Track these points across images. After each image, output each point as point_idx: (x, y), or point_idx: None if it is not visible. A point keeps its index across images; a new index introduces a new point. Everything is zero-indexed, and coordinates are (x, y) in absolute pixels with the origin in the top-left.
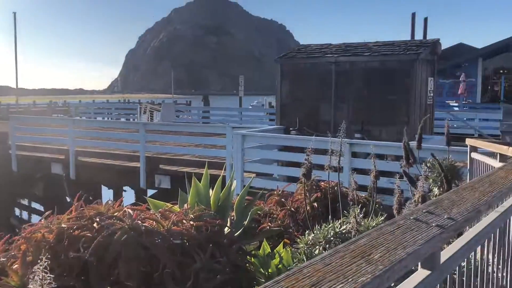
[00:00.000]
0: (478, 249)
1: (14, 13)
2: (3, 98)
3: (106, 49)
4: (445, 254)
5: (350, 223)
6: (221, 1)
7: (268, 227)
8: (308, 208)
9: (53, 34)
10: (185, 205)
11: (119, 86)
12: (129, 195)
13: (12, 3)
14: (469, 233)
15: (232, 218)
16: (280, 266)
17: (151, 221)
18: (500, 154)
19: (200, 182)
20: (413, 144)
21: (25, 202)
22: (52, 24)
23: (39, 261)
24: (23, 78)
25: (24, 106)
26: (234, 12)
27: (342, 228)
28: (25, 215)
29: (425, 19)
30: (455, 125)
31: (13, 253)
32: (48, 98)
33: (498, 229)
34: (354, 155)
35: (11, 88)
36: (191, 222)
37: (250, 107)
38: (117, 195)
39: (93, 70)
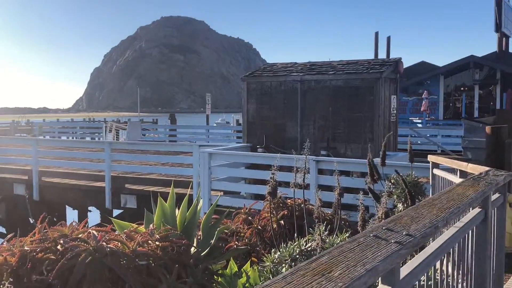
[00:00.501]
0: (438, 263)
1: None
2: None
3: (71, 67)
4: (405, 269)
5: (315, 240)
6: (188, 20)
7: (235, 246)
8: (274, 226)
9: (16, 51)
10: (151, 225)
11: (84, 105)
12: (94, 216)
13: None
14: (429, 248)
15: (198, 237)
16: (247, 285)
17: (116, 243)
18: (460, 170)
19: (166, 202)
20: (378, 160)
21: None
22: (15, 42)
23: (1, 285)
24: None
25: None
26: (200, 31)
27: (307, 246)
28: None
29: (388, 38)
30: (418, 142)
31: None
32: (11, 117)
33: (457, 244)
34: (321, 172)
35: None
36: (157, 243)
37: (215, 124)
38: (82, 216)
39: (57, 89)
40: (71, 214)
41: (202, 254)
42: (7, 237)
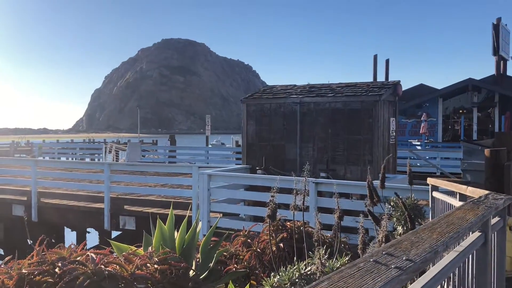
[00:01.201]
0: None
1: None
2: None
3: (71, 89)
4: None
5: (315, 264)
6: (188, 42)
7: (234, 268)
8: (274, 249)
9: (17, 73)
10: (150, 248)
11: (84, 126)
12: (93, 237)
13: None
14: (430, 273)
15: (197, 260)
16: None
17: (115, 265)
18: (459, 193)
19: (165, 224)
20: (377, 183)
21: None
22: (17, 63)
23: None
24: None
25: None
26: (201, 53)
27: (307, 270)
28: None
29: (387, 61)
30: (418, 164)
31: None
32: (11, 137)
33: (457, 268)
34: (320, 194)
35: None
36: (156, 266)
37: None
38: (81, 237)
39: (58, 110)
40: (70, 236)
41: (201, 277)
42: (5, 259)
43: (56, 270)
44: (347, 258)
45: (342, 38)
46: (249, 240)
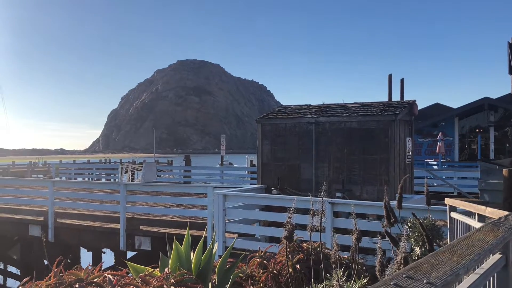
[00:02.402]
0: None
1: None
2: None
3: (88, 109)
4: None
5: (333, 286)
6: (203, 63)
7: None
8: (290, 270)
9: (34, 94)
10: (166, 269)
11: (100, 146)
12: (108, 257)
13: None
14: None
15: (213, 281)
16: None
17: (132, 287)
18: (478, 214)
19: (181, 245)
20: (394, 203)
21: (0, 266)
22: (34, 86)
23: None
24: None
25: (3, 166)
26: (216, 73)
27: None
28: (0, 279)
29: (402, 80)
30: (434, 184)
31: None
32: (28, 158)
33: None
34: (336, 214)
35: None
36: (172, 287)
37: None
38: (96, 258)
39: (74, 130)
40: (86, 256)
41: None
42: (23, 280)
43: None
44: (365, 281)
45: (356, 57)
46: (265, 262)
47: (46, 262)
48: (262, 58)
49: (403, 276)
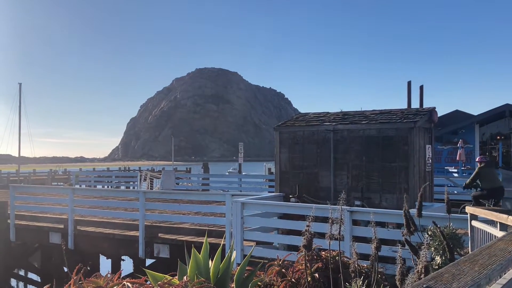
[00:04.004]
0: None
1: (20, 84)
2: (4, 166)
3: (108, 118)
4: None
5: None
6: (221, 71)
7: None
8: (309, 279)
9: (54, 103)
10: (185, 277)
11: (119, 154)
12: (127, 265)
13: (18, 74)
14: None
15: None
16: None
17: None
18: (500, 222)
19: (199, 253)
20: (414, 211)
21: (21, 273)
22: (54, 94)
23: None
24: (24, 146)
25: (24, 174)
26: (234, 81)
27: None
28: (21, 286)
29: (421, 87)
30: (455, 191)
31: None
32: (49, 166)
33: None
34: (355, 223)
35: (13, 157)
36: None
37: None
38: (116, 265)
39: (94, 139)
40: (105, 263)
41: None
42: None
43: None
44: None
45: (375, 64)
46: (283, 270)
47: (66, 269)
48: (280, 66)
49: (424, 286)
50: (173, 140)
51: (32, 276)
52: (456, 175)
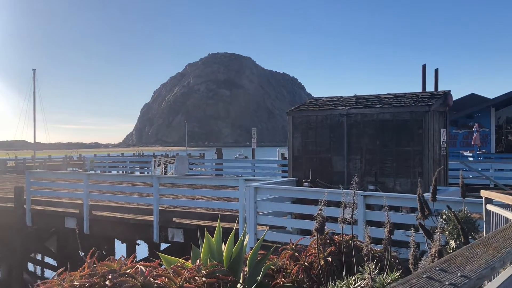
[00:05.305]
0: None
1: (34, 70)
2: (20, 152)
3: (121, 104)
4: None
5: (365, 279)
6: (234, 56)
7: (281, 282)
8: (322, 263)
9: (69, 90)
10: (198, 260)
11: (134, 139)
12: (142, 249)
13: (32, 60)
14: None
15: (245, 273)
16: None
17: (164, 278)
18: None
19: (212, 237)
20: (428, 196)
21: (38, 257)
22: (69, 81)
23: None
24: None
25: (40, 160)
26: (247, 66)
27: (356, 285)
28: (38, 270)
29: (436, 71)
30: (470, 176)
31: None
32: (64, 152)
33: None
34: (368, 207)
35: (28, 143)
36: (204, 279)
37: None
38: (131, 249)
39: (108, 124)
40: (120, 247)
41: None
42: (58, 271)
43: (107, 282)
44: (398, 274)
45: (389, 48)
46: (296, 254)
47: (81, 254)
48: (293, 51)
49: (437, 269)
50: (186, 126)
51: (48, 260)
52: (471, 159)
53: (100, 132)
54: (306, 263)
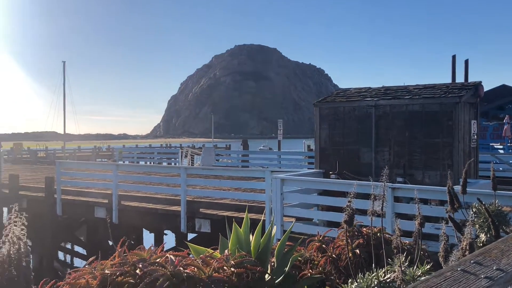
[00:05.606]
0: None
1: (64, 62)
2: (50, 143)
3: (149, 96)
4: None
5: (394, 271)
6: (260, 47)
7: (309, 274)
8: (350, 255)
9: (98, 82)
10: (226, 251)
11: (161, 131)
12: (169, 239)
13: (62, 52)
14: None
15: (272, 264)
16: None
17: (193, 268)
18: None
19: (240, 227)
20: (458, 188)
21: (68, 246)
22: (97, 73)
23: None
24: (69, 124)
25: (69, 151)
26: (273, 58)
27: (386, 277)
28: (68, 258)
29: (466, 62)
30: (500, 168)
31: None
32: (93, 143)
33: None
34: (397, 199)
35: (58, 134)
36: (232, 269)
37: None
38: (158, 239)
39: (136, 116)
40: (148, 237)
41: (276, 281)
42: (89, 260)
43: (137, 271)
44: (428, 267)
45: (418, 39)
46: (324, 246)
47: (111, 242)
48: (320, 42)
49: (471, 262)
50: (212, 118)
51: (78, 249)
52: (501, 151)
53: (128, 124)
54: (333, 255)
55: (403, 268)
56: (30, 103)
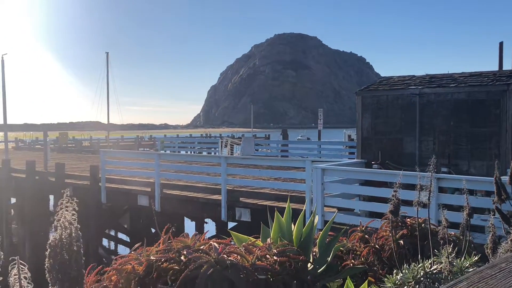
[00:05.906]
0: None
1: (107, 53)
2: (95, 133)
3: (189, 86)
4: None
5: (441, 263)
6: (300, 36)
7: (351, 264)
8: (394, 245)
9: (140, 73)
10: (268, 239)
11: (201, 121)
12: (210, 227)
13: (104, 44)
14: None
15: (314, 254)
16: None
17: (236, 255)
18: None
19: (282, 217)
20: (505, 179)
21: (112, 233)
22: (139, 65)
23: None
24: (113, 114)
25: (113, 140)
26: (313, 46)
27: (433, 268)
28: (112, 245)
29: None
30: None
31: (104, 284)
32: (135, 133)
33: None
34: (441, 190)
35: (102, 124)
36: (275, 258)
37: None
38: (199, 227)
39: (177, 106)
40: (189, 225)
41: (319, 271)
42: (134, 246)
43: (182, 258)
44: (476, 258)
45: (462, 25)
46: (366, 236)
47: (153, 230)
48: (361, 30)
49: None
50: (252, 108)
51: (121, 236)
52: None
53: (169, 114)
54: (377, 246)
55: (450, 259)
56: (75, 94)
